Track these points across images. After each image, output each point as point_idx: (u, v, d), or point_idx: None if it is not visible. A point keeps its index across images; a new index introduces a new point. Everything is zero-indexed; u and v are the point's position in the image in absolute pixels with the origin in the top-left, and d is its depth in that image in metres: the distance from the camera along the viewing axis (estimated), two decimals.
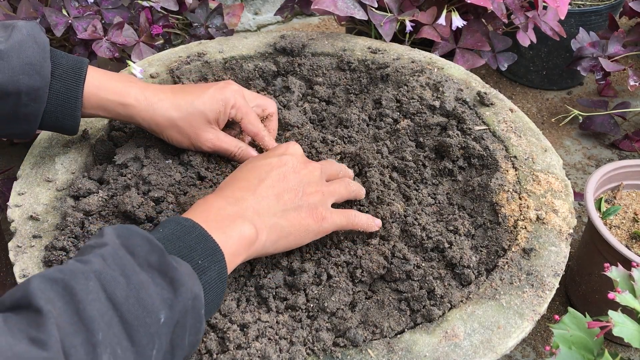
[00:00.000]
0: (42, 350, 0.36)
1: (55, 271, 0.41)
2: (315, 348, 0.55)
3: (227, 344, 0.53)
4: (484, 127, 0.79)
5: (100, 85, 0.66)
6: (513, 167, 0.73)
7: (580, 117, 1.33)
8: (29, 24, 0.64)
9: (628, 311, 0.52)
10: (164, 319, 0.43)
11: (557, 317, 0.53)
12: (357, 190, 0.67)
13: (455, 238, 0.65)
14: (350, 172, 0.71)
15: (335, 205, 0.66)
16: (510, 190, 0.70)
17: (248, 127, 0.72)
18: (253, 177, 0.59)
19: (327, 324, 0.57)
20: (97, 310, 0.40)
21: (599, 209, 1.01)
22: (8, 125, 0.64)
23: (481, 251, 0.66)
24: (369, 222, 0.64)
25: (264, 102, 0.77)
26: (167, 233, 0.50)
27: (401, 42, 1.01)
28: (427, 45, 1.06)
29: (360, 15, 0.97)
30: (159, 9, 1.08)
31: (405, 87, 0.84)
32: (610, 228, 0.99)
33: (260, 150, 0.76)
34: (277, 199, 0.58)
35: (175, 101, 0.69)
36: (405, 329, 0.57)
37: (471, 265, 0.63)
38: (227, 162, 0.75)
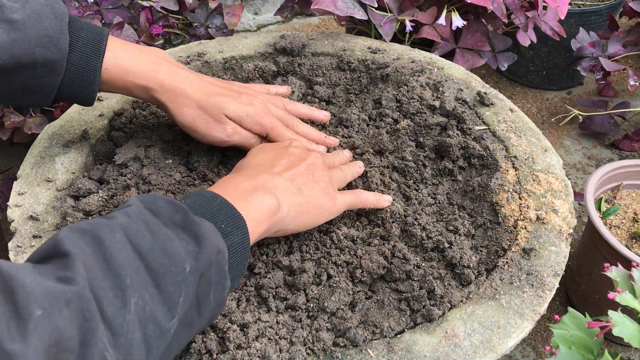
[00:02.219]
0: (70, 285, 0.37)
1: (83, 223, 0.43)
2: (315, 348, 0.55)
3: (227, 344, 0.53)
4: (484, 127, 0.79)
5: (127, 68, 0.65)
6: (513, 167, 0.73)
7: (580, 117, 1.33)
8: None
9: (628, 311, 0.52)
10: (189, 269, 0.44)
11: (557, 317, 0.53)
12: (353, 171, 0.71)
13: (455, 238, 0.65)
14: (346, 155, 0.74)
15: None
16: (510, 190, 0.70)
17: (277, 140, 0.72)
18: (265, 161, 0.62)
19: (327, 324, 0.57)
20: (124, 258, 0.41)
21: (599, 209, 1.01)
22: (23, 96, 0.62)
23: (481, 251, 0.66)
24: (378, 199, 0.67)
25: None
26: (189, 202, 0.51)
27: (401, 42, 1.01)
28: (427, 45, 1.06)
29: (360, 15, 0.96)
30: (159, 9, 1.08)
31: (405, 87, 0.84)
32: (610, 228, 0.99)
33: None
34: (291, 180, 0.60)
35: (202, 97, 0.68)
36: (405, 329, 0.57)
37: (471, 265, 0.63)
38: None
